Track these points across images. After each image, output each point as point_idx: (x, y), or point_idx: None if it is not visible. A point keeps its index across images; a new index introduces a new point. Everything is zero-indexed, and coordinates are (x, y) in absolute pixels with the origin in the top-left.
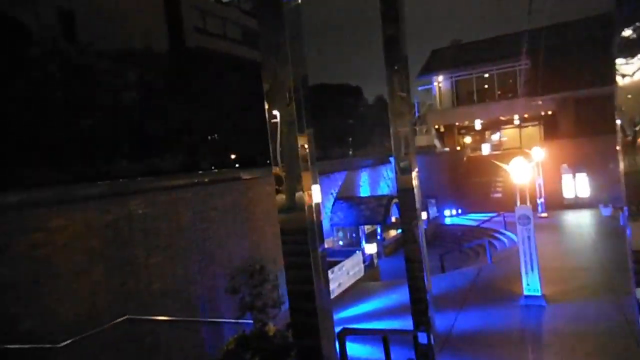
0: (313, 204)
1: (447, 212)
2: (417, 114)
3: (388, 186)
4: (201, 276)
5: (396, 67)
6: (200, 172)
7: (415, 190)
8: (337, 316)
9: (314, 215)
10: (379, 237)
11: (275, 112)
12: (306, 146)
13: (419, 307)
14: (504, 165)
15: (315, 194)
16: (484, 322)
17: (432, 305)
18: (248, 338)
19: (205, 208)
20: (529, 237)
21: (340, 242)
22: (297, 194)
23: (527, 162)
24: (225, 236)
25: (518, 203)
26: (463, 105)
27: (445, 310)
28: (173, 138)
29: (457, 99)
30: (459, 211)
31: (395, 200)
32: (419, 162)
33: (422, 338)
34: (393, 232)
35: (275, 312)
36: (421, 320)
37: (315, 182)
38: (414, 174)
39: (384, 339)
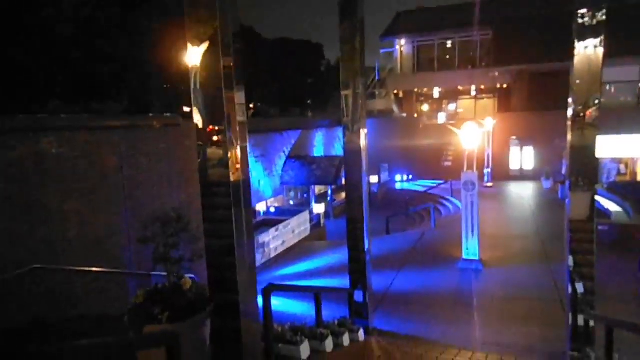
0: (239, 159)
1: (398, 177)
2: (377, 77)
3: (343, 148)
4: (128, 226)
5: (350, 27)
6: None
7: (363, 152)
8: (278, 273)
9: (240, 170)
10: (329, 198)
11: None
12: (236, 99)
13: (356, 266)
14: (455, 130)
15: (242, 149)
16: (421, 283)
17: (370, 265)
18: (159, 292)
19: (134, 153)
20: (472, 203)
21: (291, 202)
22: (220, 147)
23: (477, 128)
24: (157, 186)
25: (465, 168)
26: (423, 72)
27: (384, 270)
28: (116, 80)
29: (418, 64)
30: (410, 177)
31: None
32: (376, 126)
33: (358, 296)
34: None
35: (195, 265)
36: (358, 279)
37: (242, 136)
38: (362, 135)
39: (316, 296)
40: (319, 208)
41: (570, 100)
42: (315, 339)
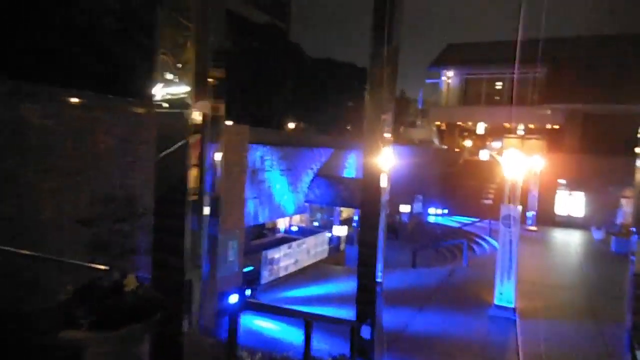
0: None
1: (432, 210)
2: (420, 106)
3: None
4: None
5: (381, 53)
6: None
7: (382, 176)
8: (285, 294)
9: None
10: (354, 223)
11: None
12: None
13: (365, 296)
14: (498, 157)
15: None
16: (444, 328)
17: (382, 298)
18: (92, 289)
19: (133, 139)
20: (510, 241)
21: (316, 223)
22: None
23: (523, 156)
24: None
25: (506, 201)
26: (469, 106)
27: (402, 307)
28: None
29: (464, 98)
30: (445, 211)
31: None
32: (414, 155)
33: (365, 332)
34: None
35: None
36: (366, 311)
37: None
38: (383, 160)
39: (307, 324)
40: (340, 231)
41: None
42: None
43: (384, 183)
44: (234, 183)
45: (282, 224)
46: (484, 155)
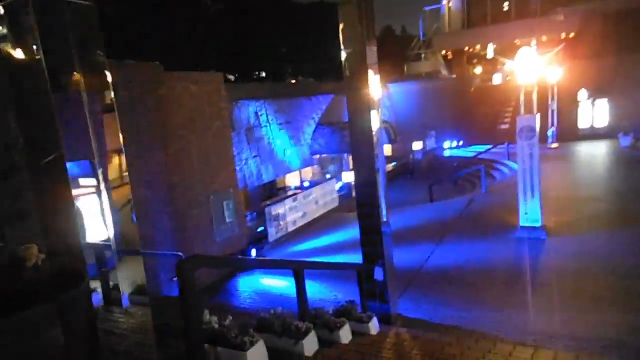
0: None
1: (446, 144)
2: (421, 37)
3: (384, 115)
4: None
5: None
6: None
7: (373, 111)
8: (294, 249)
9: None
10: None
11: None
12: None
13: (371, 237)
14: (506, 60)
15: None
16: (465, 258)
17: (390, 237)
18: None
19: None
20: (531, 155)
21: (328, 175)
22: None
23: (536, 55)
24: None
25: (521, 111)
26: (475, 28)
27: (418, 244)
28: None
29: (468, 20)
30: (460, 143)
31: (385, 125)
32: (421, 90)
33: (378, 273)
34: (389, 167)
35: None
36: (373, 253)
37: None
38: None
39: (295, 273)
40: (349, 177)
41: None
42: (285, 336)
43: (372, 117)
44: (216, 139)
45: (292, 180)
46: (497, 79)
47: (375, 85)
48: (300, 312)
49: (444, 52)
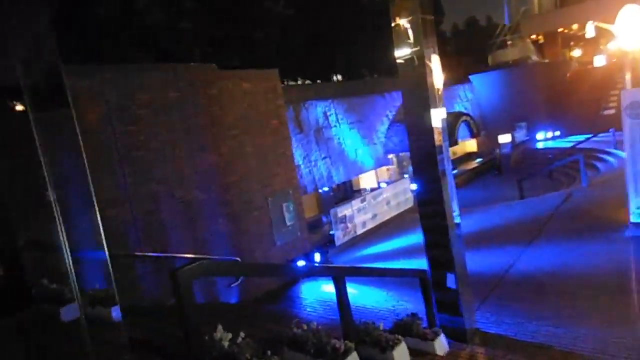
0: None
1: (540, 135)
2: (507, 22)
3: (465, 109)
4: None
5: None
6: None
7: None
8: (360, 253)
9: None
10: None
11: None
12: None
13: (437, 239)
14: (607, 26)
15: None
16: (561, 262)
17: (462, 239)
18: None
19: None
20: None
21: (406, 175)
22: None
23: None
24: None
25: (627, 83)
26: (570, 6)
27: (504, 246)
28: None
29: None
30: (557, 133)
31: (465, 118)
32: (507, 78)
33: (450, 281)
34: (473, 164)
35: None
36: (440, 257)
37: None
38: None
39: (335, 279)
40: None
41: None
42: (320, 357)
43: (434, 113)
44: (274, 138)
45: (369, 181)
46: (599, 61)
47: (437, 81)
48: (344, 328)
49: (534, 36)
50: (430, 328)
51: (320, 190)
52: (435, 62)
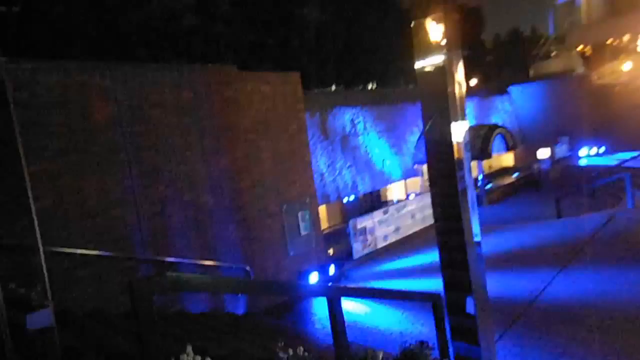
0: None
1: (583, 152)
2: (551, 32)
3: (503, 121)
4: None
5: None
6: None
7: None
8: (378, 268)
9: None
10: (479, 181)
11: None
12: None
13: (453, 257)
14: None
15: None
16: (599, 290)
17: (483, 260)
18: None
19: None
20: None
21: None
22: None
23: None
24: None
25: None
26: (622, 15)
27: (535, 269)
28: None
29: (613, 7)
30: (602, 150)
31: (500, 130)
32: (548, 90)
33: (470, 306)
34: (509, 179)
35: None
36: (456, 278)
37: None
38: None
39: (329, 301)
40: None
41: None
42: None
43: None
44: (292, 144)
45: (396, 192)
46: None
47: (460, 91)
48: (337, 356)
49: (580, 47)
50: (442, 359)
51: (344, 200)
52: (458, 70)
